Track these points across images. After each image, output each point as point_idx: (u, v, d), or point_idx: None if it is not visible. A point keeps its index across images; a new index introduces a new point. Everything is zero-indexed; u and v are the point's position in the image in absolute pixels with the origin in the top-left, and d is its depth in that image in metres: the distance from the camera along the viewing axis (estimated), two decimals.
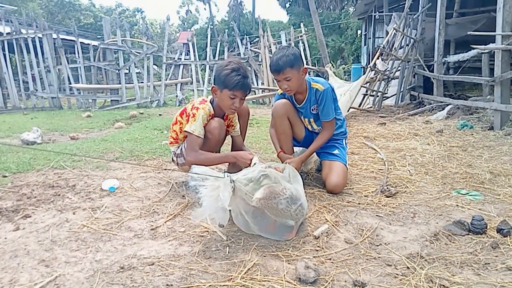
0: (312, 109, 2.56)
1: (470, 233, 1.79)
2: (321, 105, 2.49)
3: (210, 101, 2.40)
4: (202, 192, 1.69)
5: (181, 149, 2.48)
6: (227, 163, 2.71)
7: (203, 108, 2.32)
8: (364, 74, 8.39)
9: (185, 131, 2.35)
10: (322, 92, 2.47)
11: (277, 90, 2.72)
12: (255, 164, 2.11)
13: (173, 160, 2.60)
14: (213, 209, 1.68)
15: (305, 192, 2.39)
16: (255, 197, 1.71)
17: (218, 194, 1.67)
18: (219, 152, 2.62)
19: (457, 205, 2.16)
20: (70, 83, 9.35)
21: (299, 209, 1.80)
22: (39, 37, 9.06)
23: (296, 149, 2.82)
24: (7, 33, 9.12)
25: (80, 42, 9.58)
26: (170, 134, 2.59)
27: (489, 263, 1.53)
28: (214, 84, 2.32)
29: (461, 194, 2.34)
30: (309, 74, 9.16)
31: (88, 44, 10.53)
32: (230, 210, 1.70)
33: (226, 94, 2.25)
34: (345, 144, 2.72)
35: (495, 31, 4.44)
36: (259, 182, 1.77)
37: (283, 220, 1.78)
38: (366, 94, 7.14)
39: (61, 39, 9.58)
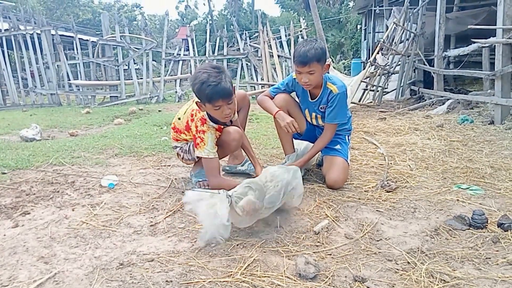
0: (321, 108, 2.52)
1: (470, 228, 1.78)
2: (330, 107, 2.45)
3: (207, 116, 2.29)
4: (199, 213, 1.66)
5: (190, 146, 2.43)
6: (228, 156, 2.70)
7: (208, 129, 2.24)
8: (364, 69, 8.37)
9: (198, 156, 2.30)
10: (335, 95, 2.41)
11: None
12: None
13: (178, 154, 2.55)
14: (214, 227, 1.64)
15: (305, 187, 2.39)
16: (239, 205, 1.69)
17: (215, 211, 1.64)
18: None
19: (457, 200, 2.16)
20: (69, 80, 9.33)
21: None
22: (37, 34, 9.03)
23: (296, 143, 2.80)
24: (5, 30, 9.08)
25: (79, 38, 9.55)
26: (174, 137, 2.53)
27: (490, 258, 1.52)
28: (196, 100, 2.20)
29: (461, 188, 2.33)
30: None
31: (87, 40, 10.48)
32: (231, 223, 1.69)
33: (209, 107, 2.14)
34: (348, 139, 2.70)
35: (495, 25, 4.41)
36: (245, 194, 1.75)
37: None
38: (366, 89, 7.12)
39: (60, 35, 9.55)
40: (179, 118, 2.42)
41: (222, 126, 2.38)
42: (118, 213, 2.04)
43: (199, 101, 2.16)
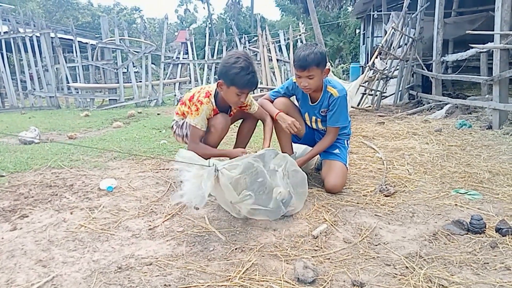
0: (322, 111, 2.53)
1: (469, 233, 1.79)
2: (331, 111, 2.46)
3: (214, 94, 2.38)
4: (186, 176, 1.79)
5: (184, 122, 2.52)
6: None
7: (206, 103, 2.34)
8: (362, 73, 8.39)
9: (188, 123, 2.40)
10: (336, 99, 2.43)
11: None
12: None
13: (172, 127, 2.66)
14: (193, 195, 1.77)
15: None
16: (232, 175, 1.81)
17: (200, 182, 1.75)
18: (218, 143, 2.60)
19: (456, 205, 2.16)
20: (68, 82, 9.33)
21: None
22: (37, 36, 9.03)
23: (295, 147, 2.80)
24: (5, 32, 9.08)
25: (78, 41, 9.56)
26: (176, 110, 2.63)
27: (488, 263, 1.52)
28: (220, 79, 2.26)
29: (460, 193, 2.34)
30: None
31: (86, 43, 10.50)
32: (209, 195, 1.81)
33: (233, 91, 2.23)
34: (347, 144, 2.70)
35: (493, 30, 4.44)
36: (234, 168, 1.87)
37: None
38: (365, 93, 7.14)
39: (59, 38, 9.56)
40: (189, 89, 2.52)
41: (218, 111, 2.45)
42: (117, 217, 2.04)
43: (223, 81, 2.24)
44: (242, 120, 2.73)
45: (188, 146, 2.42)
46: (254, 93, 9.61)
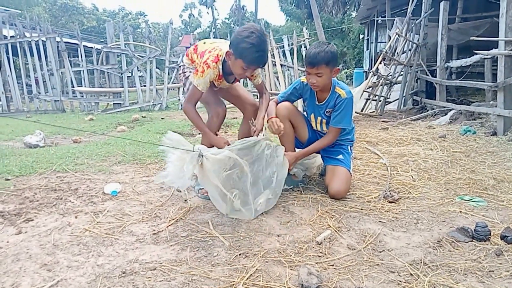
0: (327, 112, 2.55)
1: (473, 240, 1.78)
2: (337, 111, 2.47)
3: (222, 60, 2.35)
4: (170, 158, 1.95)
5: (190, 76, 2.49)
6: None
7: (213, 68, 2.31)
8: (366, 78, 8.40)
9: (190, 82, 2.40)
10: (343, 100, 2.45)
11: (279, 94, 2.73)
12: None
13: (180, 67, 2.66)
14: (175, 176, 1.92)
15: (307, 197, 2.40)
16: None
17: (183, 165, 1.88)
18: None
19: (460, 211, 2.15)
20: (73, 86, 9.38)
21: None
22: (42, 41, 9.11)
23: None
24: (11, 36, 9.16)
25: (84, 46, 9.62)
26: (187, 52, 2.64)
27: (493, 271, 1.51)
28: (230, 48, 2.24)
29: (464, 200, 2.33)
30: None
31: (91, 47, 10.56)
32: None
33: (240, 64, 2.20)
34: (351, 150, 2.71)
35: (497, 37, 4.44)
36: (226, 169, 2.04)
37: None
38: (369, 99, 7.13)
39: (65, 42, 9.64)
40: (204, 43, 2.53)
41: (222, 78, 2.45)
42: (121, 221, 2.04)
43: (232, 52, 2.21)
44: (243, 118, 2.77)
45: (184, 103, 2.42)
46: (257, 97, 9.63)
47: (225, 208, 2.08)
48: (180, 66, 2.70)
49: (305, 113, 2.76)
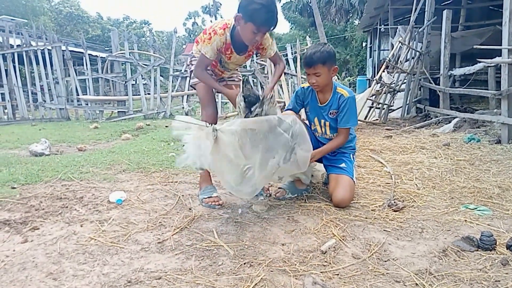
0: (331, 113, 2.57)
1: (479, 249, 1.77)
2: (342, 111, 2.51)
3: (231, 28, 2.33)
4: (186, 139, 1.92)
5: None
6: None
7: (220, 35, 2.30)
8: (369, 86, 8.41)
9: (199, 50, 2.39)
10: (346, 99, 2.50)
11: (282, 102, 2.75)
12: (239, 105, 2.23)
13: (193, 57, 2.57)
14: (196, 156, 1.90)
15: (311, 205, 2.41)
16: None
17: (200, 143, 1.88)
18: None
19: (465, 220, 2.14)
20: (78, 95, 9.46)
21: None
22: (48, 49, 9.22)
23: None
24: (18, 45, 9.28)
25: (89, 54, 9.72)
26: (197, 38, 2.57)
27: (499, 281, 1.51)
28: (238, 12, 2.19)
29: (469, 209, 2.32)
30: None
31: (96, 56, 10.68)
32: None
33: (250, 27, 2.17)
34: (353, 158, 2.72)
35: (501, 44, 4.45)
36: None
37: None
38: (372, 107, 7.15)
39: (70, 51, 9.74)
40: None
41: (231, 49, 2.40)
42: (126, 230, 2.05)
43: (242, 16, 2.17)
44: None
45: (194, 70, 2.42)
46: None
47: (233, 179, 2.08)
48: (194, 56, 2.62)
49: (307, 122, 2.78)
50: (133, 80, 9.66)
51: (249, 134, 2.05)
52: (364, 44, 21.49)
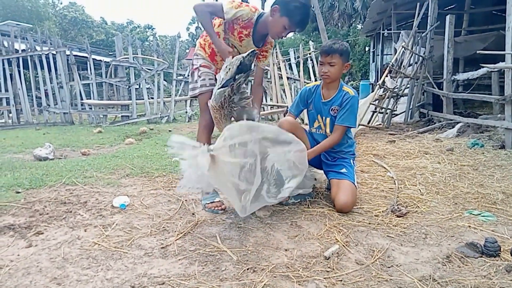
0: (332, 109, 2.60)
1: (483, 256, 1.76)
2: (344, 108, 2.54)
3: (259, 15, 2.33)
4: (183, 164, 1.93)
5: (201, 59, 2.51)
6: None
7: (250, 11, 2.28)
8: (372, 91, 8.41)
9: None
10: (350, 97, 2.54)
11: (285, 107, 2.78)
12: (226, 66, 2.18)
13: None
14: (195, 178, 1.89)
15: (314, 211, 2.40)
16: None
17: (197, 162, 1.88)
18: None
19: (469, 226, 2.14)
20: (82, 99, 9.51)
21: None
22: (53, 54, 9.28)
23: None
24: (22, 50, 9.36)
25: (93, 59, 9.78)
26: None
27: (503, 287, 1.50)
28: (276, 4, 2.20)
29: (473, 214, 2.31)
30: None
31: (100, 60, 10.75)
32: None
33: (283, 22, 2.19)
34: (353, 163, 2.73)
35: (504, 49, 4.44)
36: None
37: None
38: (375, 111, 7.13)
39: (74, 55, 9.81)
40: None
41: (251, 34, 2.38)
42: (130, 234, 2.06)
43: (279, 8, 2.18)
44: None
45: (197, 5, 2.31)
46: (264, 110, 9.69)
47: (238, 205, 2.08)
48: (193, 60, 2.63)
49: (307, 127, 2.79)
50: (137, 85, 9.70)
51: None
52: (367, 48, 21.52)
